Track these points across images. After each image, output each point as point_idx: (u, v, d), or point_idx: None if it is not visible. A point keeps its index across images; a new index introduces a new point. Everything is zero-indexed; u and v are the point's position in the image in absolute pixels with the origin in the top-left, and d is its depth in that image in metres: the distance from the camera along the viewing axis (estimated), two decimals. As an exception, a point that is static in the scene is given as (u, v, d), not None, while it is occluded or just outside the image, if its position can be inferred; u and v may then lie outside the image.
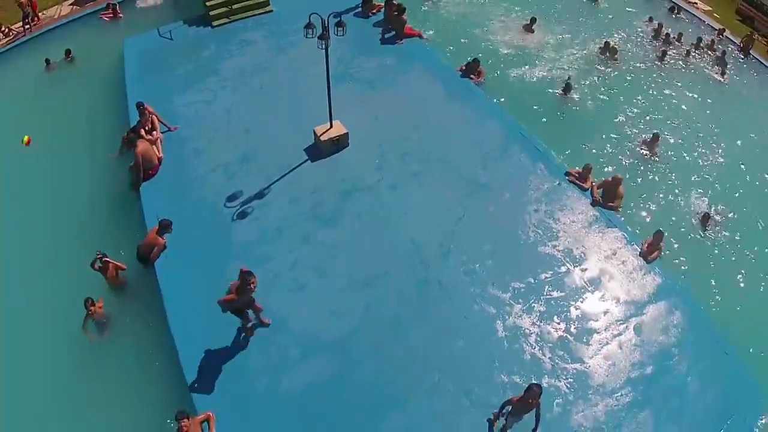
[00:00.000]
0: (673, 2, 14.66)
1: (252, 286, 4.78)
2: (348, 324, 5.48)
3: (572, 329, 5.57)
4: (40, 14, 14.34)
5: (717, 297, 6.40)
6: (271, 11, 10.67)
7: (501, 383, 5.17)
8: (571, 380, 5.26)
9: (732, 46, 12.72)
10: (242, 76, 8.74)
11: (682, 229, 7.08)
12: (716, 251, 6.90)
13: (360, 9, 10.62)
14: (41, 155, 8.12)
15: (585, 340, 5.52)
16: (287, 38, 9.67)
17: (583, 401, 5.15)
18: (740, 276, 6.66)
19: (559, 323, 5.59)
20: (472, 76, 8.72)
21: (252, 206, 6.49)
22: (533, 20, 10.99)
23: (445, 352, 5.33)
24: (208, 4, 10.61)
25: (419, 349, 5.35)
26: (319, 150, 7.05)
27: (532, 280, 5.86)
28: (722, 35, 13.57)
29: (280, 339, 5.26)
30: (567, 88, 9.32)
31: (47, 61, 10.98)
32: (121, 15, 12.92)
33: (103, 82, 10.04)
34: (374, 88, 8.27)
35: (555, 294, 5.80)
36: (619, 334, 5.64)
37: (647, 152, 8.23)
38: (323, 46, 6.07)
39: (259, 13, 10.62)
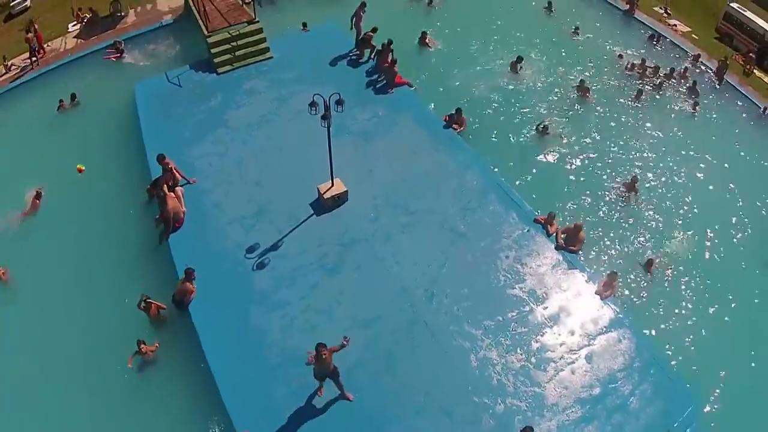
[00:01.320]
0: (653, 29, 16.50)
1: (324, 356, 6.29)
2: (352, 357, 7.34)
3: (532, 359, 7.48)
4: (45, 46, 16.15)
5: (662, 326, 8.29)
6: (271, 57, 12.43)
7: (474, 404, 7.08)
8: (531, 401, 7.17)
9: (708, 71, 14.54)
10: (250, 128, 10.54)
11: (632, 272, 8.88)
12: (660, 290, 8.73)
13: (355, 51, 12.40)
14: (71, 200, 9.92)
15: (543, 368, 7.43)
16: (288, 87, 11.48)
17: (540, 418, 7.06)
18: (682, 311, 8.52)
19: (521, 354, 7.49)
20: (455, 125, 10.57)
21: (268, 257, 8.34)
22: (519, 59, 12.81)
23: (429, 379, 7.23)
24: (212, 51, 12.36)
25: (408, 377, 7.25)
26: (322, 206, 8.90)
27: (501, 319, 7.75)
28: (698, 61, 15.47)
29: (299, 371, 7.12)
30: (544, 129, 11.17)
31: (61, 101, 12.67)
32: (125, 55, 14.66)
33: (117, 128, 11.81)
34: (368, 140, 10.11)
35: (519, 329, 7.70)
36: (573, 362, 7.55)
37: (624, 195, 10.05)
38: (326, 125, 7.85)
39: (260, 60, 12.39)
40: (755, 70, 16.57)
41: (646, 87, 13.06)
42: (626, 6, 17.17)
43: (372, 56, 12.06)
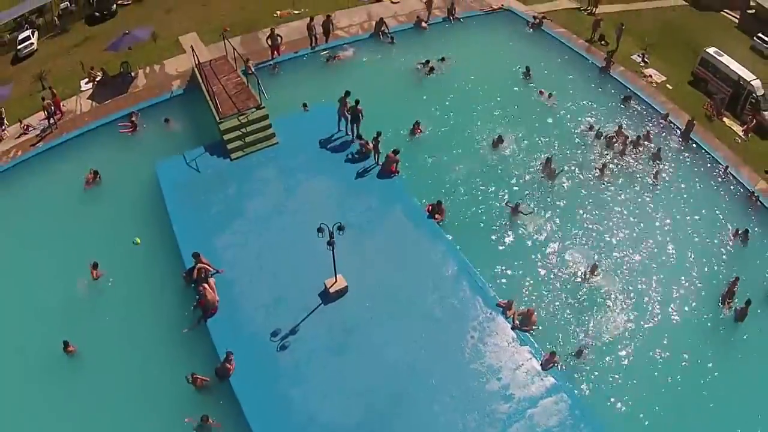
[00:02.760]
0: (627, 88, 19.60)
1: None
2: (354, 418, 10.87)
3: (487, 419, 11.05)
4: (62, 106, 19.27)
5: (598, 392, 11.79)
6: (277, 143, 15.57)
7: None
8: (483, 451, 10.78)
9: (676, 130, 17.60)
10: (264, 220, 13.85)
11: (577, 347, 12.31)
12: (602, 366, 12.19)
13: (353, 142, 15.56)
14: (119, 277, 13.27)
15: (494, 426, 10.98)
16: (294, 176, 14.80)
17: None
18: (617, 382, 12.01)
19: (479, 415, 11.06)
20: (436, 215, 13.86)
21: (288, 341, 11.79)
22: (500, 138, 16.02)
23: (411, 436, 10.84)
24: (225, 137, 15.49)
25: (397, 433, 10.86)
26: (329, 297, 12.28)
27: (465, 388, 11.29)
28: (666, 120, 18.71)
29: (317, 429, 10.65)
30: (516, 208, 14.48)
31: (87, 177, 15.64)
32: (139, 128, 17.70)
33: (143, 208, 15.06)
34: (364, 232, 13.45)
35: (479, 396, 11.26)
36: (518, 420, 11.10)
37: (584, 277, 13.48)
38: (331, 248, 11.12)
39: (268, 145, 15.52)
40: (724, 118, 19.85)
41: (611, 160, 16.29)
42: (603, 63, 20.23)
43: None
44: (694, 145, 17.83)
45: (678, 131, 18.27)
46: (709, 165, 17.21)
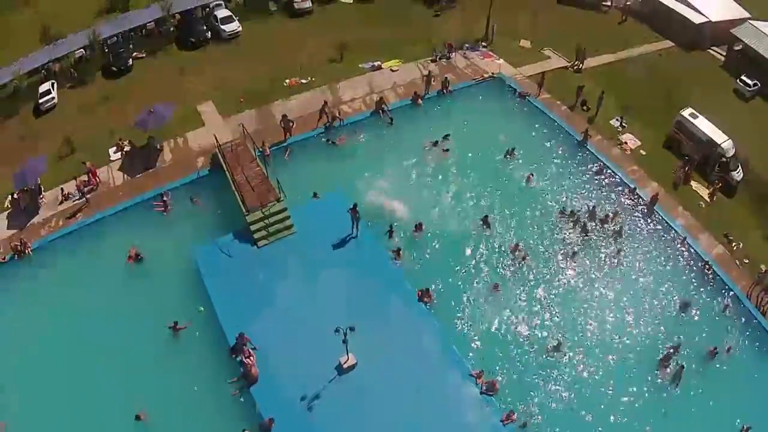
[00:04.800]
0: (600, 160, 24.71)
1: None
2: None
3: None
4: (98, 175, 24.35)
5: None
6: (295, 232, 21.11)
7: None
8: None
9: (642, 201, 23.10)
10: (291, 309, 19.61)
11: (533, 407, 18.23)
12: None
13: (353, 231, 21.13)
14: (177, 348, 19.15)
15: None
16: (310, 266, 20.51)
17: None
18: None
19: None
20: (425, 298, 19.50)
21: (313, 405, 17.67)
22: (486, 218, 21.48)
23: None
24: (252, 228, 21.03)
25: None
26: (342, 370, 18.11)
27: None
28: (633, 193, 23.91)
29: None
30: (495, 288, 20.13)
31: (129, 255, 21.29)
32: (169, 207, 23.00)
33: (184, 288, 20.70)
34: (368, 318, 19.04)
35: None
36: (483, 465, 17.13)
37: (550, 354, 19.17)
38: (345, 345, 16.85)
39: (287, 235, 21.06)
40: (692, 182, 24.88)
41: (579, 239, 21.77)
42: (581, 136, 25.31)
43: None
44: (658, 217, 23.24)
45: (643, 203, 23.56)
46: (669, 237, 22.81)
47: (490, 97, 26.41)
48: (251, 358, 18.41)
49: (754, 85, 30.79)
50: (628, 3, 34.77)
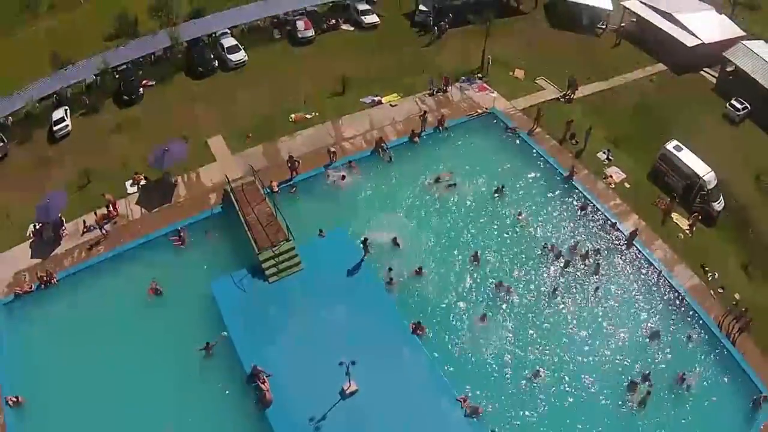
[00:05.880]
0: (584, 196, 28.13)
1: None
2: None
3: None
4: (117, 207, 27.94)
5: None
6: (303, 269, 24.91)
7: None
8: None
9: (621, 237, 26.74)
10: (298, 340, 23.45)
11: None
12: None
13: (362, 261, 24.95)
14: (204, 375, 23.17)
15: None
16: (317, 303, 24.21)
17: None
18: None
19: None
20: (418, 331, 23.33)
21: (320, 424, 21.67)
22: (476, 254, 25.21)
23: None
24: (263, 265, 24.84)
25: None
26: (345, 396, 22.05)
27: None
28: (615, 228, 27.35)
29: None
30: (483, 318, 23.96)
31: (149, 288, 25.18)
32: (185, 241, 26.72)
33: (203, 319, 24.60)
34: (366, 353, 22.78)
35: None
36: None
37: (531, 379, 22.99)
38: (348, 376, 20.75)
39: (296, 271, 24.85)
40: (673, 213, 28.16)
41: (560, 275, 25.42)
42: (568, 172, 28.70)
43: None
44: (636, 251, 26.70)
45: (624, 238, 27.04)
46: (647, 270, 26.39)
47: (483, 132, 29.87)
48: (266, 384, 22.41)
49: (743, 108, 33.96)
50: (622, 25, 37.55)
